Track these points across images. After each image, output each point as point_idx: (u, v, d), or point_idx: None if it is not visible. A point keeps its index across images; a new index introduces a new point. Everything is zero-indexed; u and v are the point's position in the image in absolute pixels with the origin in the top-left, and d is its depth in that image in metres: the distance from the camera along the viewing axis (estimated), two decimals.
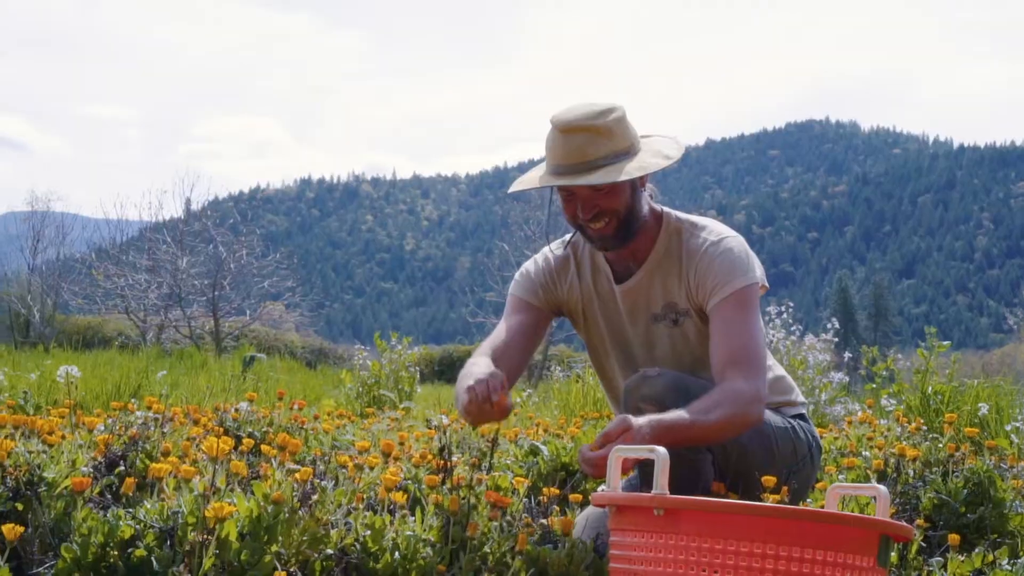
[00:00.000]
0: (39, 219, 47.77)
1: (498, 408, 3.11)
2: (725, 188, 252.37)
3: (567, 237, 3.80)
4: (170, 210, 37.54)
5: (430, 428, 5.18)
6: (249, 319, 32.40)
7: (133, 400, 6.56)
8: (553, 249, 3.79)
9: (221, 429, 4.59)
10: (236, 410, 5.14)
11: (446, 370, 31.96)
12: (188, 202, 35.03)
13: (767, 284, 3.60)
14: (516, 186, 3.57)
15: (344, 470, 3.79)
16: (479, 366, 3.36)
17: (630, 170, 3.33)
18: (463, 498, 3.10)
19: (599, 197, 3.39)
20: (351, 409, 9.75)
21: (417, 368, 11.25)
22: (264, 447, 3.58)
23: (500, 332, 3.68)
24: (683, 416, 3.10)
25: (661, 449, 2.54)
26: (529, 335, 3.70)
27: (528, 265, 3.82)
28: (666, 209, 3.63)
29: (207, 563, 2.65)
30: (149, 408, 4.40)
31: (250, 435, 4.94)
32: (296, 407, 5.32)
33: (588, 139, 3.32)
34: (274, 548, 2.81)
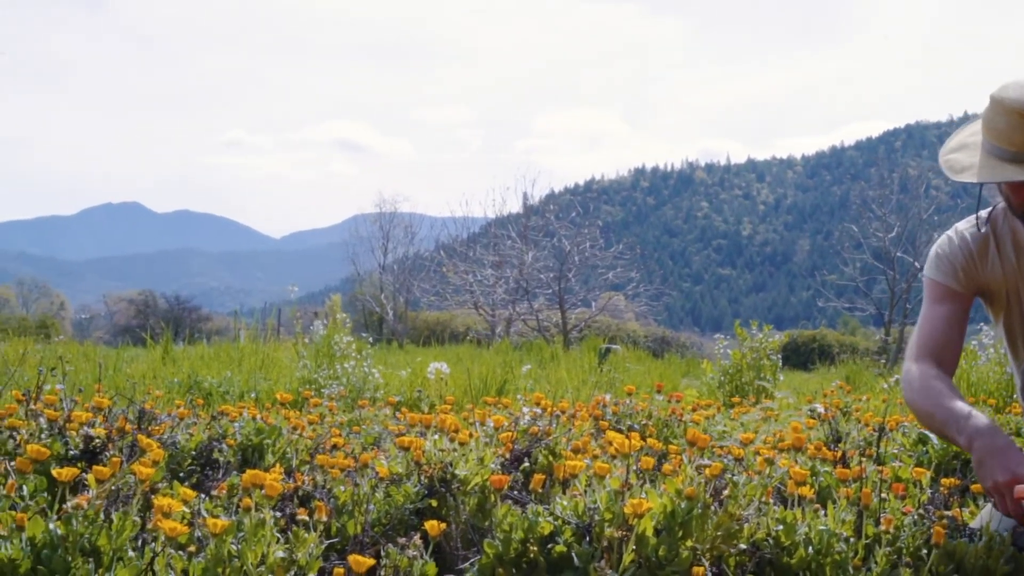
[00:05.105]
0: (388, 220, 50.12)
1: None
2: None
3: (983, 213, 3.49)
4: (512, 206, 38.55)
5: (811, 418, 5.11)
6: (595, 310, 32.86)
7: (519, 397, 6.73)
8: (971, 226, 3.50)
9: (607, 424, 4.67)
10: (616, 403, 5.23)
11: (791, 356, 31.60)
12: (526, 197, 35.83)
13: None
14: (963, 176, 3.19)
15: (736, 462, 3.80)
16: (981, 419, 3.08)
17: None
18: (874, 491, 3.04)
19: None
20: (714, 399, 9.74)
21: (779, 355, 11.05)
22: (650, 440, 3.62)
23: (931, 328, 3.43)
24: None
25: None
26: (960, 324, 3.44)
27: (944, 244, 3.53)
28: None
29: (627, 558, 2.70)
30: (537, 404, 4.52)
31: (631, 428, 5.02)
32: (674, 400, 5.36)
33: None
34: (689, 543, 2.83)
